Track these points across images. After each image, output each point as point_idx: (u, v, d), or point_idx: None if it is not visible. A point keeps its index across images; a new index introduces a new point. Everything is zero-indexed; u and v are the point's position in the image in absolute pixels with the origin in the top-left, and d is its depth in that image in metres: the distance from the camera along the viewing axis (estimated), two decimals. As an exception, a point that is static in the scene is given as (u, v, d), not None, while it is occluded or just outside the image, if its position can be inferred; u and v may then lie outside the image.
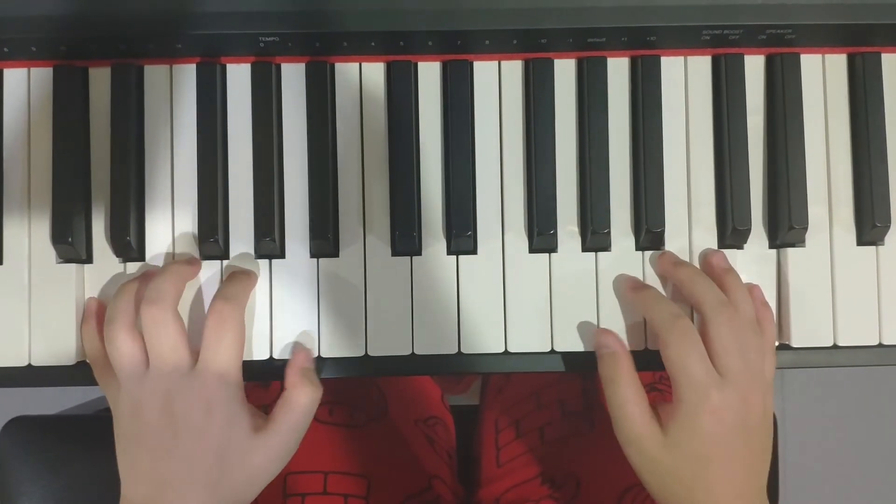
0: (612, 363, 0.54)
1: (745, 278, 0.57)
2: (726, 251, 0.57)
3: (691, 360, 0.51)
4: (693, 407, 0.51)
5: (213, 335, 0.50)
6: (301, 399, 0.53)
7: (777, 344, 0.58)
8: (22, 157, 0.56)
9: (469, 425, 0.82)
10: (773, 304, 0.57)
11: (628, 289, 0.56)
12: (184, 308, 0.55)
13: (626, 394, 0.53)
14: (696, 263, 0.57)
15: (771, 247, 0.58)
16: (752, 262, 0.58)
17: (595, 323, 0.57)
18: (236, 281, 0.54)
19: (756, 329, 0.53)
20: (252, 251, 0.56)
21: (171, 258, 0.56)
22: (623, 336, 0.56)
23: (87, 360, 0.55)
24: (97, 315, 0.55)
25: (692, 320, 0.54)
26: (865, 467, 1.47)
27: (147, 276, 0.55)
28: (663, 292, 0.57)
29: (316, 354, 0.56)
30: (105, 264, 0.56)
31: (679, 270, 0.55)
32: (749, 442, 0.52)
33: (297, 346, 0.56)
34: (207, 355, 0.50)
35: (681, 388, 0.51)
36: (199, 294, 0.56)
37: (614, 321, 0.56)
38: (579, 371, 0.57)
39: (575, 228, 0.57)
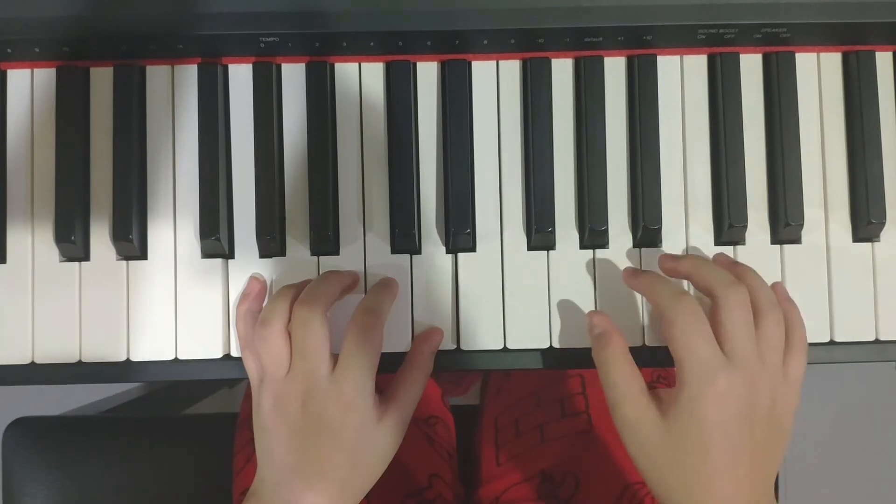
0: (604, 343, 0.52)
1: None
2: (726, 248, 0.57)
3: (698, 340, 0.48)
4: (697, 391, 0.48)
5: (353, 344, 0.52)
6: (422, 377, 0.56)
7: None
8: (25, 157, 0.57)
9: (469, 424, 0.82)
10: None
11: (627, 276, 0.56)
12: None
13: (619, 373, 0.51)
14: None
15: (773, 243, 0.58)
16: (755, 257, 0.57)
17: (593, 320, 0.57)
18: (380, 292, 0.55)
19: (778, 318, 0.51)
20: (255, 250, 0.57)
21: (174, 257, 0.57)
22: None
23: (237, 337, 0.56)
24: (257, 297, 0.56)
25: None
26: (865, 467, 1.46)
27: (305, 283, 0.55)
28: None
29: None
30: (107, 263, 0.57)
31: (681, 263, 0.54)
32: (753, 436, 0.48)
33: (434, 328, 0.57)
34: (347, 363, 0.52)
35: (685, 371, 0.48)
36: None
37: (612, 318, 0.56)
38: (578, 368, 0.57)
39: (573, 226, 0.58)
